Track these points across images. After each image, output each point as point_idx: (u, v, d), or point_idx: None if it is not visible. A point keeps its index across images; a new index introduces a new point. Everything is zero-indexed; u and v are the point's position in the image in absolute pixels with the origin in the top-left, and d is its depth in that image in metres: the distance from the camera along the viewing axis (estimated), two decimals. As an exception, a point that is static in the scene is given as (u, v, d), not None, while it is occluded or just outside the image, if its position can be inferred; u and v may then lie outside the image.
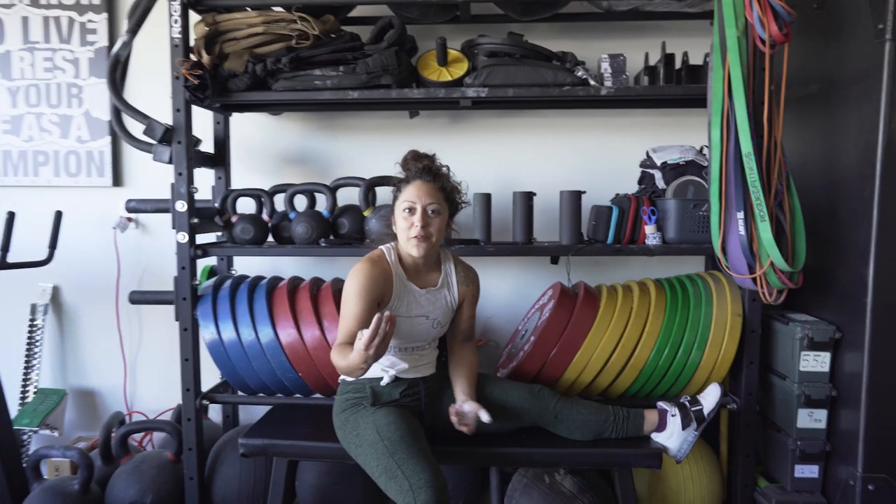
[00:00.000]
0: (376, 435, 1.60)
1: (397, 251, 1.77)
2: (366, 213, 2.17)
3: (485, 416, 1.64)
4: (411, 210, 1.69)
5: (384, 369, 1.74)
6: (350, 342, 1.59)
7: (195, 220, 2.09)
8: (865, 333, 1.77)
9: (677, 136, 2.39)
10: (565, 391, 2.02)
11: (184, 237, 2.07)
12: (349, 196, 2.33)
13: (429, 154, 1.77)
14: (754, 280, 1.89)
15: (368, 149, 2.54)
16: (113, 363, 2.67)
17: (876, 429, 1.76)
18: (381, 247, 1.79)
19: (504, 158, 2.52)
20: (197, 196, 2.17)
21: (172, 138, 2.03)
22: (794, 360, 1.92)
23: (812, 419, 1.91)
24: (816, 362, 1.90)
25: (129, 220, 2.59)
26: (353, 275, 1.67)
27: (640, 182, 2.30)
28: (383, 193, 2.31)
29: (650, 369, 1.98)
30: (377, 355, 1.46)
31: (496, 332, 2.54)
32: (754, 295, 2.00)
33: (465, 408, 1.69)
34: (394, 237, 1.79)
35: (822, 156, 2.02)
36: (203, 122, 2.41)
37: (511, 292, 2.54)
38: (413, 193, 1.69)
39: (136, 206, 2.17)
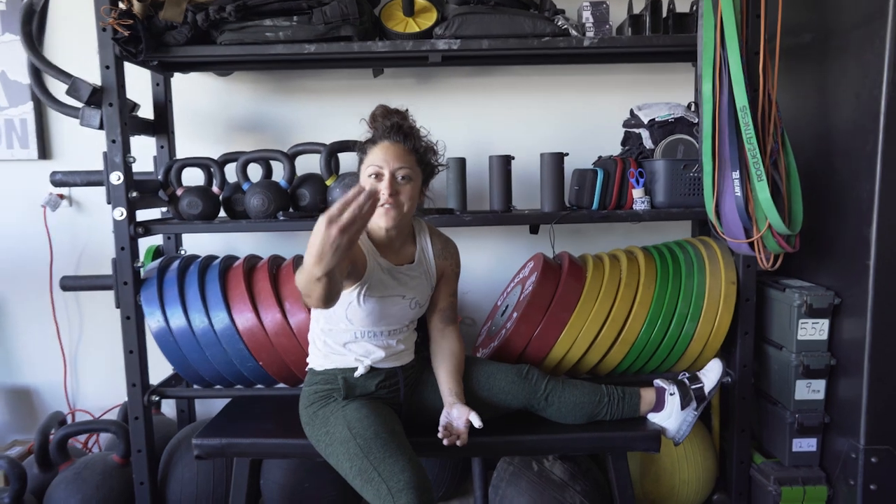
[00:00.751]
0: (348, 432, 1.42)
1: None
2: (328, 182, 1.96)
3: (476, 422, 1.46)
4: (378, 175, 1.49)
5: (358, 359, 1.55)
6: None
7: (134, 194, 1.85)
8: (868, 297, 1.66)
9: (662, 94, 2.23)
10: (552, 370, 1.87)
11: (121, 213, 1.83)
12: (309, 164, 2.11)
13: (400, 110, 1.57)
14: (751, 245, 1.76)
15: (329, 113, 2.31)
16: (50, 357, 2.41)
17: (879, 398, 1.67)
18: None
19: (477, 121, 2.33)
20: (136, 168, 1.92)
21: (102, 100, 1.77)
22: (791, 328, 1.81)
23: (810, 390, 1.81)
24: (815, 330, 1.79)
25: (61, 196, 2.31)
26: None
27: (623, 143, 2.15)
28: (347, 160, 2.10)
29: (642, 343, 1.84)
30: (343, 242, 1.15)
31: (473, 308, 2.38)
32: (749, 261, 1.88)
33: (454, 414, 1.50)
34: None
35: (816, 110, 1.90)
36: (140, 84, 2.15)
37: (488, 265, 2.37)
38: (380, 156, 1.49)
39: (62, 179, 1.90)
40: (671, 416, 1.62)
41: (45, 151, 2.32)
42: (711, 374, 1.66)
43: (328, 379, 1.56)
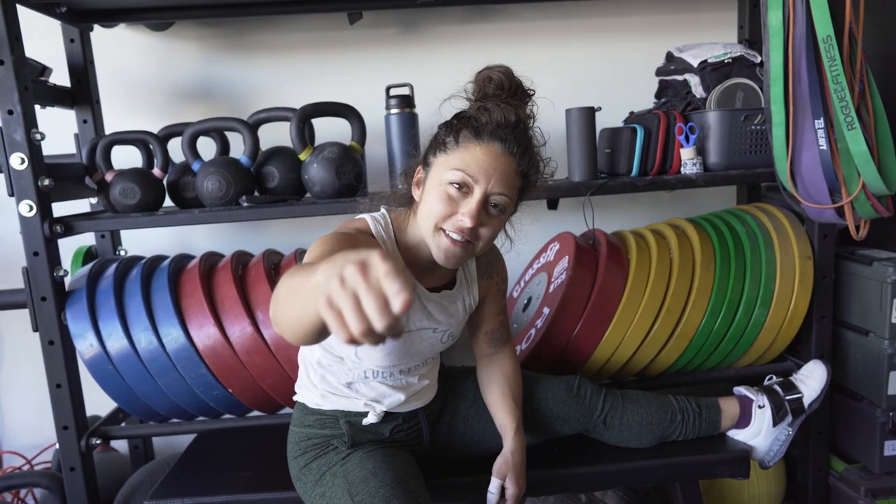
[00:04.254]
0: (348, 497, 1.04)
1: (394, 227, 1.10)
2: (302, 157, 1.54)
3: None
4: (464, 187, 0.99)
5: (368, 404, 1.15)
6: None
7: (46, 182, 1.40)
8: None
9: (698, 37, 1.87)
10: (594, 375, 1.53)
11: (29, 208, 1.39)
12: (276, 135, 1.69)
13: (525, 87, 1.06)
14: (838, 210, 1.43)
15: (296, 73, 1.88)
16: (-36, 389, 1.96)
17: None
18: (366, 216, 1.10)
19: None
20: (54, 149, 1.48)
21: (-10, 57, 1.31)
22: (882, 310, 1.49)
23: (905, 382, 1.51)
24: (910, 311, 1.48)
25: (-39, 190, 1.83)
26: (314, 246, 0.97)
27: (658, 95, 1.78)
28: (325, 128, 1.69)
29: (703, 337, 1.51)
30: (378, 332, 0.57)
31: (482, 301, 2.00)
32: (826, 230, 1.55)
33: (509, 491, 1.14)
34: (401, 202, 1.12)
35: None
36: (50, 42, 1.68)
37: (501, 249, 1.99)
38: (478, 162, 0.98)
39: (-55, 167, 1.44)
40: (760, 434, 1.29)
41: (-65, 134, 1.83)
42: (812, 380, 1.32)
43: (326, 422, 1.16)
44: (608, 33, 1.94)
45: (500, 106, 1.01)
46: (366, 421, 1.14)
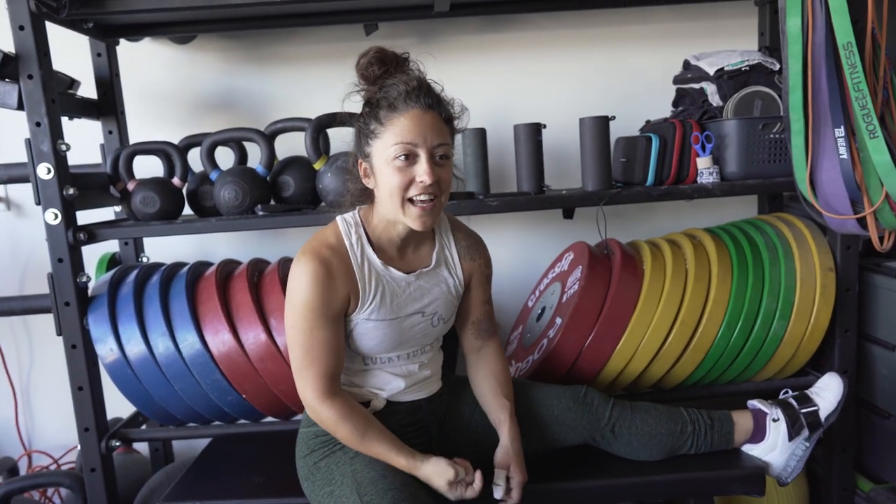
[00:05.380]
0: (356, 496, 1.05)
1: (363, 223, 1.18)
2: (317, 166, 1.57)
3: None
4: (410, 157, 1.08)
5: (371, 391, 1.19)
6: (331, 376, 1.12)
7: (71, 191, 1.45)
8: None
9: (716, 44, 1.84)
10: (607, 388, 1.51)
11: (54, 216, 1.44)
12: (291, 145, 1.72)
13: (403, 56, 1.15)
14: (860, 221, 1.39)
15: (312, 84, 1.91)
16: (-3, 390, 2.03)
17: None
18: (337, 220, 1.19)
19: (493, 86, 1.94)
20: (81, 159, 1.53)
21: (19, 71, 1.37)
22: (908, 323, 1.44)
23: (933, 399, 1.45)
24: (939, 324, 1.43)
25: (-4, 199, 1.92)
26: (295, 286, 1.11)
27: (675, 104, 1.76)
28: (340, 138, 1.71)
29: (719, 350, 1.48)
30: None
31: (499, 310, 1.98)
32: (850, 242, 1.51)
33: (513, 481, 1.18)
34: (363, 198, 1.20)
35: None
36: (79, 55, 1.74)
37: (515, 259, 1.99)
38: (412, 129, 1.07)
39: (-25, 176, 1.51)
40: (776, 449, 1.25)
41: (-28, 145, 1.92)
42: (828, 392, 1.29)
43: None
44: (625, 42, 1.92)
45: (397, 77, 1.10)
46: (370, 409, 1.17)
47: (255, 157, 1.64)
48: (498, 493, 1.15)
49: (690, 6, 1.86)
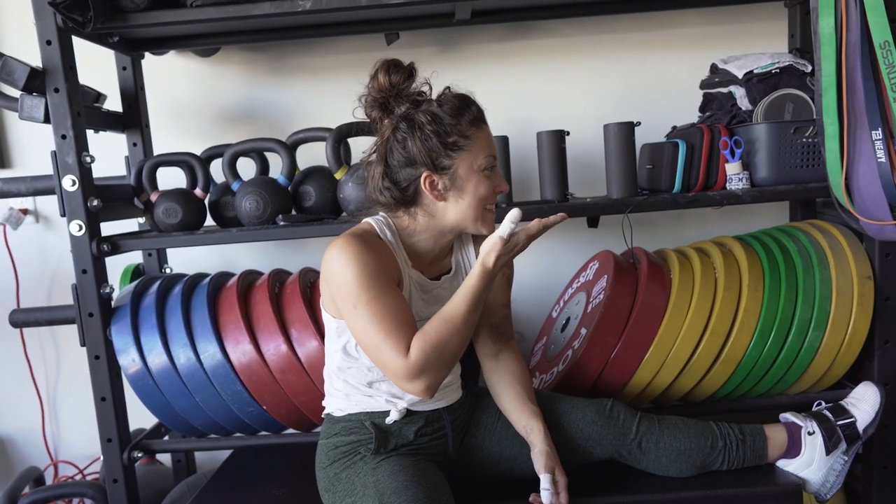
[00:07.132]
0: None
1: (395, 227, 1.19)
2: (338, 176, 1.56)
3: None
4: (492, 167, 1.17)
5: (390, 400, 1.17)
6: (411, 333, 1.07)
7: (95, 203, 1.47)
8: None
9: (745, 48, 1.80)
10: (633, 400, 1.46)
11: (79, 227, 1.45)
12: (313, 155, 1.72)
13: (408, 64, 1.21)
14: (899, 227, 1.33)
15: (333, 94, 1.91)
16: (24, 400, 2.05)
17: None
18: (369, 219, 1.20)
19: (513, 95, 1.92)
20: (107, 171, 1.55)
21: (46, 85, 1.39)
22: (953, 334, 1.38)
23: (981, 414, 1.38)
24: None
25: (24, 211, 1.95)
26: (340, 265, 1.08)
27: (702, 109, 1.72)
28: (359, 148, 1.71)
29: (751, 361, 1.42)
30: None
31: (522, 320, 1.96)
32: (888, 248, 1.45)
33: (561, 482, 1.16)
34: (393, 208, 1.19)
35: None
36: (105, 69, 1.77)
37: (538, 268, 1.96)
38: (491, 142, 1.17)
39: (3, 189, 1.53)
40: (813, 464, 1.20)
41: (3, 159, 1.95)
42: (864, 403, 1.23)
43: (352, 427, 1.18)
44: (651, 47, 1.89)
45: (455, 95, 1.16)
46: (388, 420, 1.15)
47: (277, 167, 1.64)
48: (548, 499, 1.12)
49: (717, 9, 1.83)
